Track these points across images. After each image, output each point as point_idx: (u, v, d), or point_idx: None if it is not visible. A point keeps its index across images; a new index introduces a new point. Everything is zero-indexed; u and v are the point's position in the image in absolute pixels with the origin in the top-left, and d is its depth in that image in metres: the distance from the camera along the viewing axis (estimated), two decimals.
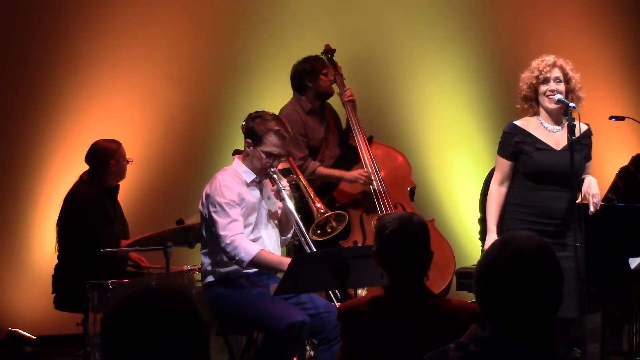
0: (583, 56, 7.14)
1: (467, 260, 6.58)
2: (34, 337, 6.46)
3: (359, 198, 6.23)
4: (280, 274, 4.90)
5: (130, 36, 7.12)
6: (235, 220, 4.73)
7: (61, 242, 5.87)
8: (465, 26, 7.53)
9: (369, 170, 6.18)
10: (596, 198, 4.80)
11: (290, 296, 4.75)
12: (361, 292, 5.35)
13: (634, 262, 5.08)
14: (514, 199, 4.99)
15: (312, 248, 4.87)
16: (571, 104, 4.80)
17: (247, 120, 4.92)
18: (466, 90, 7.55)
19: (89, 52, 7.05)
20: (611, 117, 6.33)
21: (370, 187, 6.17)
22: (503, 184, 5.04)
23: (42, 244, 6.61)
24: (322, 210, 5.07)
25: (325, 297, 5.06)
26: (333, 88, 6.38)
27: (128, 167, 6.00)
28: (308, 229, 5.04)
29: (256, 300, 4.72)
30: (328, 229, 5.14)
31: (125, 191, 6.25)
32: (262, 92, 7.16)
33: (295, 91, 6.33)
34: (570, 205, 4.82)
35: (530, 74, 5.00)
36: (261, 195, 4.95)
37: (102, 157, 5.89)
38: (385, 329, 3.29)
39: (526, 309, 2.29)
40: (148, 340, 1.87)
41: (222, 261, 4.82)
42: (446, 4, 7.56)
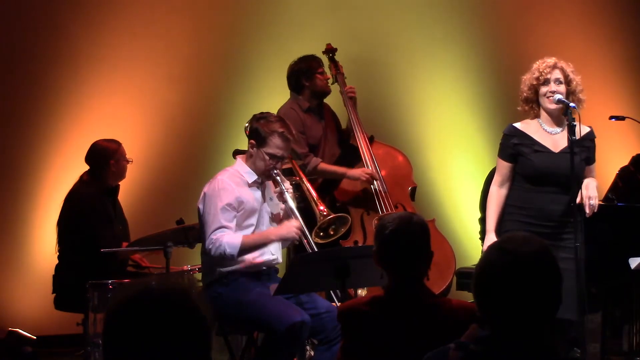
0: (583, 56, 7.14)
1: (468, 260, 6.58)
2: (34, 337, 6.46)
3: (360, 198, 6.22)
4: (280, 274, 4.91)
5: (130, 36, 7.12)
6: (224, 226, 4.73)
7: (61, 242, 5.87)
8: (465, 26, 7.53)
9: (372, 169, 6.18)
10: (593, 200, 4.77)
11: (290, 296, 4.75)
12: (361, 292, 5.35)
13: (634, 262, 5.08)
14: (513, 201, 4.99)
15: (315, 250, 4.87)
16: (571, 104, 4.79)
17: (251, 121, 4.92)
18: (466, 90, 7.55)
19: (89, 52, 7.05)
20: (611, 117, 6.33)
21: (371, 187, 6.17)
22: (503, 186, 5.03)
23: (43, 244, 6.61)
24: (325, 212, 5.06)
25: (325, 297, 5.06)
26: (330, 87, 6.38)
27: (128, 167, 6.00)
28: (309, 230, 5.04)
29: (256, 300, 4.72)
30: (331, 232, 5.14)
31: (125, 191, 6.25)
32: (262, 92, 7.15)
33: (292, 91, 6.33)
34: (568, 207, 4.81)
35: (530, 76, 4.99)
36: (263, 196, 4.94)
37: (102, 157, 5.89)
38: (385, 329, 3.28)
39: (525, 311, 2.30)
40: (149, 340, 1.87)
41: (222, 261, 4.82)
42: (446, 4, 7.56)
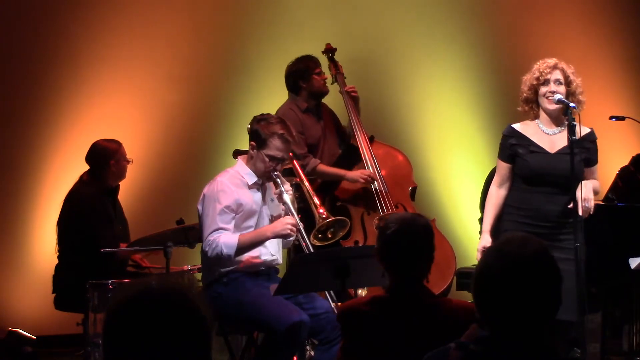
0: (583, 56, 7.14)
1: (468, 260, 6.58)
2: (34, 337, 6.46)
3: (360, 197, 6.22)
4: (280, 274, 4.91)
5: (130, 36, 7.12)
6: (221, 228, 4.73)
7: (61, 242, 5.87)
8: (465, 26, 7.53)
9: (371, 169, 6.18)
10: (588, 203, 4.74)
11: (290, 296, 4.75)
12: (361, 292, 5.35)
13: (634, 262, 5.08)
14: (511, 202, 4.99)
15: (311, 250, 4.87)
16: (571, 104, 4.78)
17: (252, 122, 4.92)
18: (466, 90, 7.55)
19: (89, 52, 7.05)
20: (611, 117, 6.33)
21: (371, 187, 6.17)
22: (502, 186, 5.04)
23: (43, 244, 6.61)
24: (325, 215, 5.06)
25: (326, 298, 5.06)
26: (328, 87, 6.37)
27: (128, 167, 6.00)
28: (308, 230, 5.05)
29: (256, 300, 4.72)
30: (329, 234, 5.13)
31: (125, 191, 6.25)
32: (262, 92, 7.15)
33: (290, 92, 6.33)
34: (565, 207, 4.81)
35: (531, 76, 4.99)
36: (263, 198, 4.94)
37: (102, 157, 5.89)
38: (385, 329, 3.28)
39: (525, 313, 2.30)
40: (149, 340, 1.87)
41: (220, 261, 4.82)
42: (446, 4, 7.56)
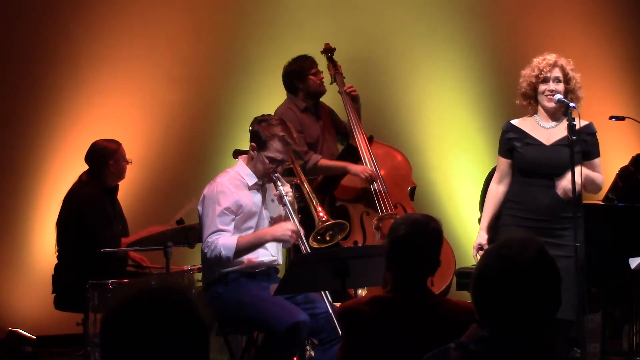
0: (583, 56, 7.13)
1: (467, 260, 6.56)
2: (34, 337, 6.46)
3: (360, 198, 6.22)
4: (280, 274, 4.91)
5: (130, 36, 7.12)
6: (221, 230, 4.73)
7: (61, 242, 5.87)
8: (465, 26, 7.53)
9: (372, 169, 6.18)
10: (566, 186, 4.78)
11: (290, 296, 4.75)
12: (361, 292, 5.35)
13: (634, 262, 5.08)
14: (510, 196, 5.04)
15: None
16: (571, 104, 4.79)
17: (253, 123, 4.91)
18: (466, 90, 7.55)
19: (89, 52, 7.05)
20: (611, 117, 6.32)
21: (370, 187, 6.16)
22: (501, 182, 5.07)
23: (42, 244, 6.60)
24: (324, 219, 5.05)
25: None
26: (325, 87, 6.36)
27: (128, 167, 5.99)
28: (308, 232, 5.05)
29: (256, 300, 4.72)
30: (327, 237, 5.12)
31: (125, 191, 6.25)
32: (262, 92, 7.15)
33: (287, 92, 6.33)
34: (561, 202, 4.84)
35: (530, 72, 5.00)
36: (263, 199, 4.94)
37: (102, 157, 5.89)
38: (385, 329, 3.28)
39: (524, 314, 2.30)
40: (148, 340, 1.87)
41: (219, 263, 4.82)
42: (446, 4, 7.55)
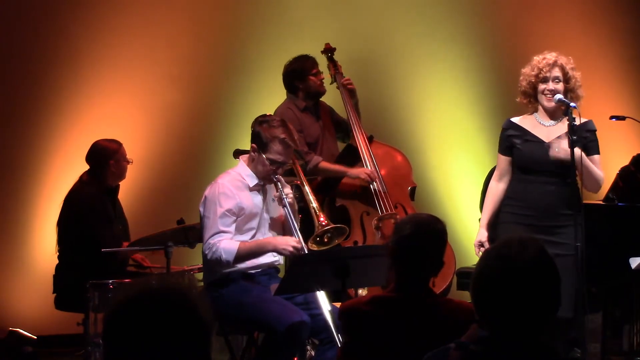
0: (583, 56, 7.12)
1: (467, 260, 6.57)
2: (35, 337, 6.46)
3: (360, 198, 6.21)
4: (281, 274, 4.91)
5: (130, 36, 7.12)
6: (222, 231, 4.73)
7: (61, 242, 5.87)
8: (465, 26, 7.53)
9: (371, 169, 6.17)
10: (563, 147, 4.82)
11: (292, 296, 4.75)
12: (362, 292, 5.35)
13: (635, 262, 5.08)
14: (509, 193, 5.06)
15: None
16: (572, 104, 4.80)
17: (254, 124, 4.90)
18: (466, 89, 7.55)
19: (89, 52, 7.05)
20: (612, 117, 6.32)
21: (370, 187, 6.16)
22: (501, 180, 5.09)
23: (43, 244, 6.60)
24: (324, 223, 5.05)
25: (328, 298, 5.05)
26: (325, 87, 6.36)
27: (128, 167, 6.00)
28: (308, 230, 5.05)
29: (257, 300, 4.72)
30: (325, 239, 5.12)
31: (125, 191, 6.25)
32: (262, 92, 7.15)
33: (287, 91, 6.33)
34: (561, 198, 4.85)
35: (530, 71, 5.01)
36: (264, 199, 4.93)
37: (102, 157, 5.89)
38: (385, 329, 3.28)
39: (524, 315, 2.30)
40: (149, 339, 1.87)
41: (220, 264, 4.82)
42: (446, 4, 7.55)
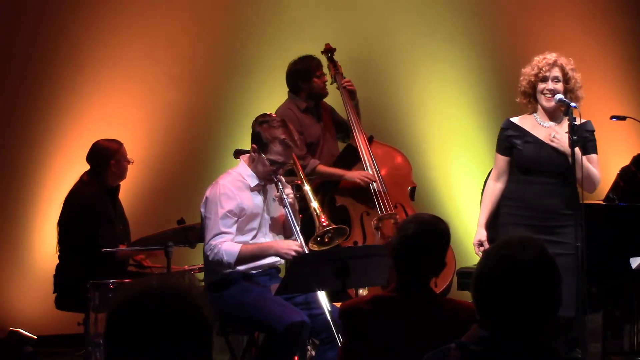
0: (583, 56, 7.13)
1: (468, 260, 6.57)
2: (35, 337, 6.46)
3: (359, 198, 6.21)
4: (281, 274, 4.91)
5: (130, 36, 7.12)
6: (223, 232, 4.73)
7: (62, 242, 5.87)
8: (465, 26, 7.53)
9: (370, 170, 6.17)
10: (558, 137, 4.89)
11: (292, 296, 4.75)
12: (362, 292, 5.35)
13: (635, 262, 5.08)
14: (508, 194, 5.06)
15: None
16: (572, 104, 4.80)
17: (254, 124, 4.90)
18: (466, 89, 7.55)
19: (90, 52, 7.05)
20: (612, 117, 6.32)
21: (370, 187, 6.16)
22: (499, 180, 5.10)
23: (43, 244, 6.60)
24: (325, 223, 5.05)
25: (329, 298, 5.05)
26: (327, 90, 6.36)
27: (129, 167, 6.00)
28: (308, 230, 5.05)
29: (257, 300, 4.72)
30: (326, 239, 5.12)
31: (126, 191, 6.25)
32: (262, 92, 7.15)
33: (289, 90, 6.33)
34: (561, 198, 4.85)
35: (530, 71, 5.02)
36: (265, 200, 4.93)
37: (103, 157, 5.89)
38: (386, 328, 3.28)
39: (525, 315, 2.30)
40: (150, 339, 1.87)
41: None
42: (447, 4, 7.56)
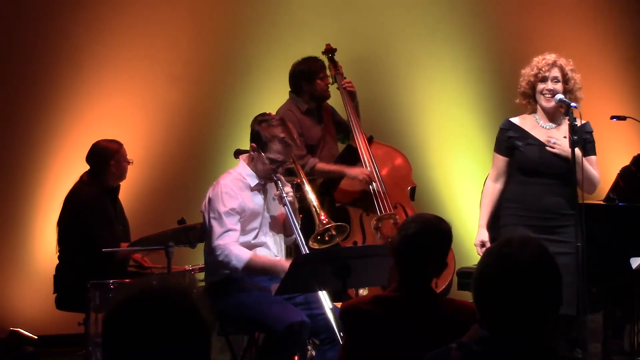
0: (584, 56, 7.13)
1: (468, 260, 6.57)
2: (35, 337, 6.45)
3: (359, 198, 6.22)
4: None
5: (130, 36, 7.12)
6: (230, 230, 4.73)
7: (62, 242, 5.87)
8: (466, 26, 7.53)
9: (370, 170, 6.17)
10: (556, 143, 4.89)
11: (293, 296, 4.75)
12: (362, 292, 5.36)
13: (635, 262, 5.08)
14: (509, 195, 5.06)
15: None
16: (572, 104, 4.80)
17: (253, 123, 4.90)
18: (467, 89, 7.55)
19: (90, 52, 7.05)
20: (612, 117, 6.32)
21: (370, 187, 6.16)
22: (498, 180, 5.10)
23: (43, 244, 6.60)
24: (325, 221, 5.05)
25: (330, 298, 5.05)
26: (330, 92, 6.36)
27: (129, 167, 6.00)
28: (308, 229, 5.04)
29: (257, 300, 4.72)
30: (326, 237, 5.13)
31: (126, 191, 6.25)
32: (263, 92, 7.15)
33: (291, 90, 6.33)
34: (563, 199, 4.85)
35: (529, 71, 5.03)
36: (265, 199, 4.94)
37: (103, 157, 5.89)
38: (386, 328, 3.28)
39: (525, 314, 2.30)
40: (149, 339, 1.87)
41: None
42: (447, 4, 7.56)
